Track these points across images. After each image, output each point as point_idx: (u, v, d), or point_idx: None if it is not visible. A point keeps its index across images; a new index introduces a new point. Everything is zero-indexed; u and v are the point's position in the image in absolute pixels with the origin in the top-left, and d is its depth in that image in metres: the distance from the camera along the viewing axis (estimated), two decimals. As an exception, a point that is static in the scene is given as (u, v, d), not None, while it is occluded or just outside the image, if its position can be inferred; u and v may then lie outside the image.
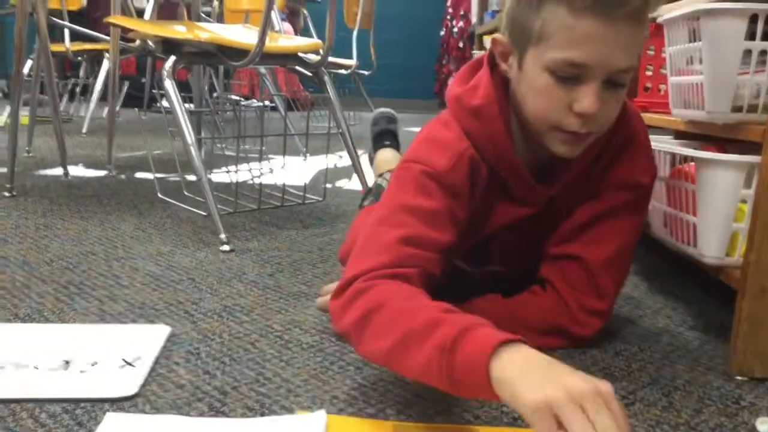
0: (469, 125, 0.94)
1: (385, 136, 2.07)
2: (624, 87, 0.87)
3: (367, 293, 0.80)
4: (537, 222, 1.01)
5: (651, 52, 1.48)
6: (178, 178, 2.05)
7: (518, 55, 0.89)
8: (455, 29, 6.13)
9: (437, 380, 0.70)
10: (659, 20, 1.21)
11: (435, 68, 6.75)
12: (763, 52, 0.97)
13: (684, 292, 1.34)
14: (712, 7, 0.98)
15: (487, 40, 4.21)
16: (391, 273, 0.82)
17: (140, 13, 2.38)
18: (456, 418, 0.80)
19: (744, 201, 0.98)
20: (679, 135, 1.41)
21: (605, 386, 0.60)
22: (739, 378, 0.94)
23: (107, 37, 2.46)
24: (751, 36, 0.97)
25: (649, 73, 1.51)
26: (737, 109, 1.01)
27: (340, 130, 1.92)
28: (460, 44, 6.06)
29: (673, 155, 1.12)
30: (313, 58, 1.86)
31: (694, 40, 1.05)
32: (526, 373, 0.62)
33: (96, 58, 3.68)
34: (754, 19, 0.95)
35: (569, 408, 0.58)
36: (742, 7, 0.95)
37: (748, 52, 0.97)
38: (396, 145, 2.06)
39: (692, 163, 1.04)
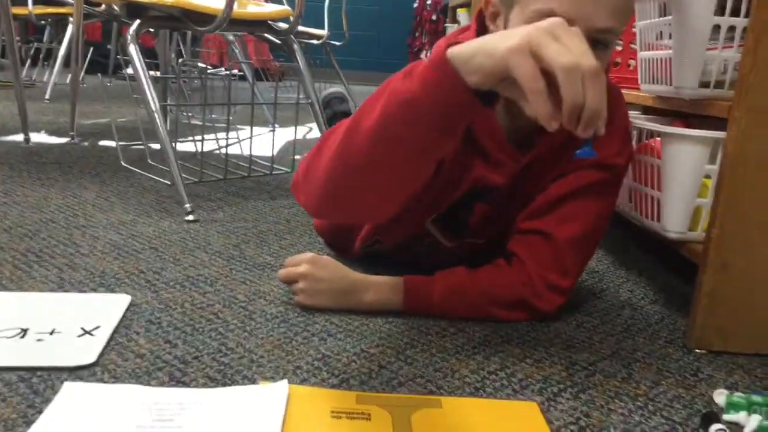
0: None
1: (338, 117, 2.07)
2: (607, 48, 0.85)
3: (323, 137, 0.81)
4: (512, 194, 1.00)
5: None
6: (142, 147, 2.01)
7: (505, 13, 0.88)
8: (429, 1, 6.08)
9: (399, 114, 0.69)
10: (630, -6, 1.20)
11: (408, 41, 6.70)
12: (731, 28, 0.97)
13: (647, 267, 1.35)
14: (683, -19, 0.98)
15: (461, 14, 4.20)
16: None
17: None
18: (419, 388, 0.80)
19: (708, 176, 0.99)
20: (647, 110, 1.42)
21: (566, 23, 0.63)
22: (697, 351, 0.96)
23: (71, 1, 2.39)
24: (720, 11, 0.97)
25: (619, 48, 1.51)
26: (705, 84, 1.02)
27: (310, 101, 1.89)
28: (434, 17, 6.02)
29: (640, 130, 1.12)
30: (283, 26, 1.83)
31: (664, 15, 1.05)
32: (492, 38, 0.64)
33: (60, 22, 3.58)
34: (723, -6, 0.95)
35: (545, 39, 0.60)
36: (712, -19, 0.95)
37: (716, 28, 0.97)
38: None
39: (657, 138, 1.05)
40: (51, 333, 0.86)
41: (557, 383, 0.84)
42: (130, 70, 1.59)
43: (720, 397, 0.82)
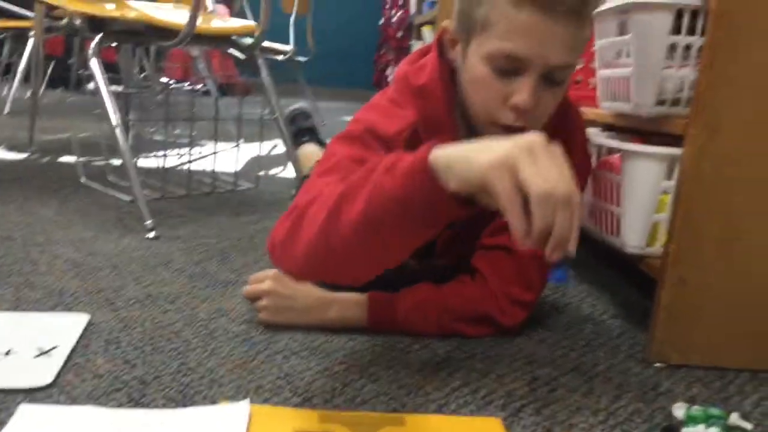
0: (414, 104, 0.94)
1: (303, 133, 2.08)
2: (562, 84, 0.88)
3: (300, 206, 0.80)
4: (478, 217, 1.01)
5: (589, 37, 1.50)
6: (103, 162, 1.98)
7: (463, 44, 0.89)
8: (394, 18, 6.12)
9: (384, 205, 0.69)
10: (589, 14, 1.22)
11: (374, 57, 6.73)
12: (687, 47, 0.99)
13: (609, 282, 1.37)
14: (642, 0, 1.00)
15: (426, 31, 4.23)
16: None
17: (67, -10, 2.28)
18: (383, 406, 0.80)
19: (666, 192, 1.01)
20: (607, 127, 1.44)
21: (548, 141, 0.64)
22: (657, 365, 0.97)
23: (32, 14, 2.36)
24: (676, 30, 0.99)
25: (580, 67, 1.53)
26: (662, 102, 1.04)
27: (275, 116, 1.89)
28: (399, 34, 6.06)
29: (600, 147, 1.14)
30: (248, 41, 1.82)
31: (623, 34, 1.07)
32: (472, 148, 0.64)
33: (21, 36, 3.52)
34: (680, 14, 0.97)
35: (523, 158, 0.61)
36: (668, 1, 0.97)
37: (673, 47, 0.99)
38: (316, 139, 2.07)
39: (617, 155, 1.06)
40: (6, 353, 0.84)
41: (520, 399, 0.84)
42: (91, 85, 1.57)
43: (679, 410, 0.83)
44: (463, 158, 0.64)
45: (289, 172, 2.33)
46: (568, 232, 0.62)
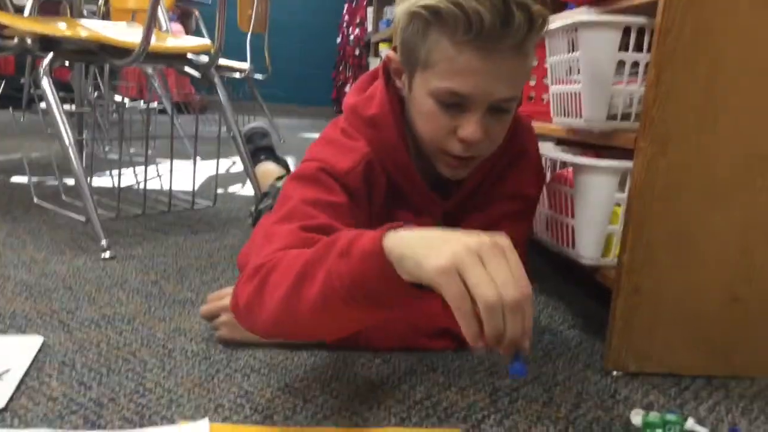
0: (366, 134, 0.94)
1: (261, 152, 2.07)
2: (509, 112, 0.89)
3: (264, 266, 0.77)
4: (453, 221, 1.02)
5: (534, 63, 1.53)
6: (56, 183, 1.94)
7: (408, 76, 0.90)
8: (352, 36, 6.16)
9: (340, 291, 0.67)
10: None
11: (332, 75, 6.75)
12: (635, 63, 1.02)
13: (566, 293, 1.39)
14: (589, 19, 1.03)
15: (383, 49, 4.26)
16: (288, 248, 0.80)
17: (19, 10, 2.24)
18: (344, 421, 0.79)
19: (618, 204, 1.03)
20: (560, 142, 1.47)
21: (502, 239, 0.61)
22: (614, 373, 0.98)
23: (-20, 33, 2.30)
24: (625, 47, 1.02)
25: (533, 83, 1.57)
26: (612, 117, 1.06)
27: (232, 134, 1.88)
28: (357, 52, 6.10)
29: (554, 161, 1.17)
30: (203, 59, 1.81)
31: (573, 51, 1.10)
32: (422, 244, 0.62)
33: (-31, 55, 3.44)
34: (627, 31, 1.00)
35: (470, 262, 0.58)
36: (616, 19, 1.00)
37: (621, 63, 1.02)
38: (274, 158, 2.07)
39: (571, 168, 1.09)
40: (-45, 379, 0.82)
41: (481, 410, 0.84)
42: (43, 105, 1.55)
43: (636, 417, 0.85)
44: (413, 257, 0.61)
45: (247, 189, 2.31)
46: (521, 335, 0.60)
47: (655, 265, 0.95)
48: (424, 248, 0.61)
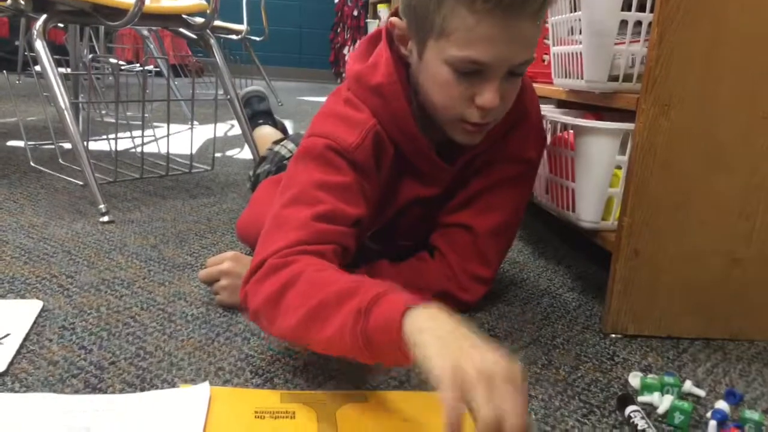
0: (372, 103, 0.92)
1: (259, 116, 2.05)
2: (522, 75, 0.88)
3: (281, 270, 0.77)
4: (444, 197, 1.02)
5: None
6: (52, 146, 1.93)
7: (417, 44, 0.87)
8: (349, -3, 6.08)
9: (351, 346, 0.68)
10: (542, -10, 1.23)
11: (329, 37, 6.68)
12: (638, 23, 1.01)
13: (565, 256, 1.39)
14: (591, -23, 1.01)
15: (382, 9, 4.20)
16: (305, 250, 0.80)
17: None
18: (344, 384, 0.80)
19: (619, 167, 1.02)
20: (561, 104, 1.46)
21: (516, 370, 0.58)
22: (613, 335, 0.99)
23: (-28, -6, 2.27)
24: (627, 7, 1.00)
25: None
26: (614, 78, 1.05)
27: (229, 97, 1.86)
28: (355, 12, 6.02)
29: (555, 123, 1.15)
30: (199, 20, 1.79)
31: (575, 10, 1.08)
32: (439, 339, 0.61)
33: (-38, 17, 3.40)
34: (630, -10, 0.98)
35: (482, 390, 0.56)
36: (618, -22, 0.99)
37: (624, 23, 1.01)
38: (272, 122, 2.05)
39: (571, 131, 1.08)
40: (-45, 343, 0.82)
41: (480, 373, 0.85)
42: (38, 67, 1.53)
43: (635, 379, 0.85)
44: (424, 352, 0.61)
45: (245, 153, 2.30)
46: None
47: (655, 229, 0.95)
48: (437, 347, 0.60)
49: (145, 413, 0.70)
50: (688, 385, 0.84)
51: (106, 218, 1.40)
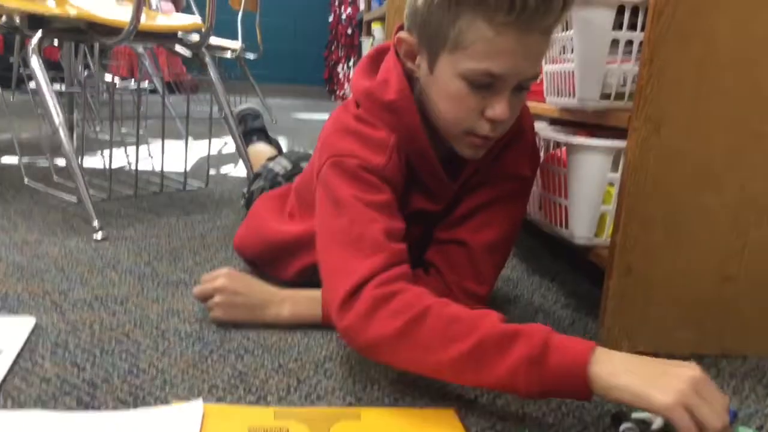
0: (385, 119, 0.92)
1: (253, 133, 2.07)
2: (528, 89, 0.89)
3: (397, 299, 0.78)
4: (443, 215, 1.02)
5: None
6: (47, 163, 1.93)
7: (428, 58, 0.88)
8: (344, 15, 6.11)
9: (523, 389, 0.73)
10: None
11: (324, 54, 6.71)
12: (629, 42, 1.02)
13: (559, 273, 1.40)
14: (583, -3, 1.02)
15: (376, 28, 4.23)
16: (401, 274, 0.82)
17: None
18: (338, 401, 0.80)
19: (611, 184, 1.03)
20: (553, 121, 1.47)
21: (698, 370, 0.70)
22: (606, 352, 0.99)
23: (-33, 11, 2.27)
24: (618, 26, 1.01)
25: (527, 62, 1.56)
26: (606, 96, 1.06)
27: (224, 114, 1.87)
28: (349, 31, 6.06)
29: (547, 141, 1.16)
30: (194, 38, 1.80)
31: (567, 30, 1.09)
32: (640, 381, 0.69)
33: (-44, 34, 3.40)
34: (621, 9, 1.00)
35: (697, 401, 0.67)
36: (609, -2, 1.00)
37: (615, 42, 1.02)
38: (266, 139, 2.06)
39: (564, 149, 1.08)
40: (-53, 361, 0.81)
41: (473, 390, 0.85)
42: (33, 84, 1.53)
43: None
44: (632, 392, 0.69)
45: (240, 170, 2.31)
46: None
47: (648, 245, 0.95)
48: (644, 384, 0.69)
49: (139, 431, 0.69)
50: (681, 402, 0.84)
51: (99, 235, 1.39)
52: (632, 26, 1.01)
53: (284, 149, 2.23)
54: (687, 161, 0.93)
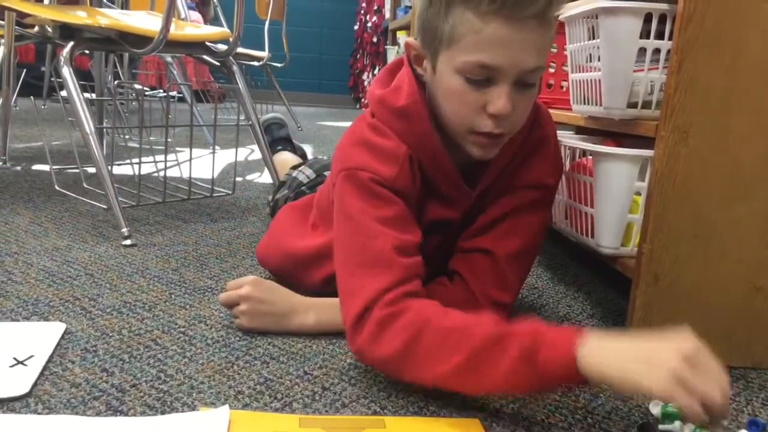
0: (397, 126, 0.93)
1: (278, 142, 2.08)
2: (534, 86, 0.88)
3: (400, 319, 0.80)
4: (463, 224, 1.02)
5: (554, 50, 1.52)
6: (77, 170, 1.96)
7: (431, 59, 0.89)
8: (369, 24, 6.15)
9: (522, 387, 0.77)
10: (561, 18, 1.24)
11: (349, 62, 6.74)
12: (656, 50, 1.01)
13: (584, 282, 1.39)
14: (610, 5, 1.01)
15: (401, 36, 4.24)
16: (407, 292, 0.83)
17: (40, -1, 2.26)
18: (363, 409, 0.80)
19: (638, 193, 1.02)
20: (579, 130, 1.46)
21: (691, 337, 0.71)
22: (633, 363, 0.98)
23: (2, 22, 2.33)
24: (646, 34, 1.01)
25: (552, 70, 1.56)
26: (632, 105, 1.05)
27: (250, 122, 1.88)
28: (374, 39, 6.08)
29: (573, 149, 1.16)
30: (221, 47, 1.82)
31: (593, 38, 1.09)
32: (629, 367, 0.70)
33: (-10, 43, 3.47)
34: (648, 18, 0.99)
35: (690, 375, 0.67)
36: (637, 6, 0.99)
37: (642, 50, 1.01)
38: (291, 148, 2.07)
39: (590, 157, 1.08)
40: (-20, 365, 0.83)
41: (498, 399, 0.85)
42: (64, 93, 1.56)
43: (655, 407, 0.84)
44: (623, 378, 0.70)
45: (265, 177, 2.32)
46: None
47: (676, 255, 0.94)
48: (635, 369, 0.70)
49: (166, 436, 0.70)
50: (709, 414, 0.83)
51: (128, 242, 1.41)
52: (659, 34, 1.00)
53: (309, 157, 2.24)
54: (715, 170, 0.92)
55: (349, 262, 0.88)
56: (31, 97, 2.29)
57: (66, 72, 1.50)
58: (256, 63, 3.56)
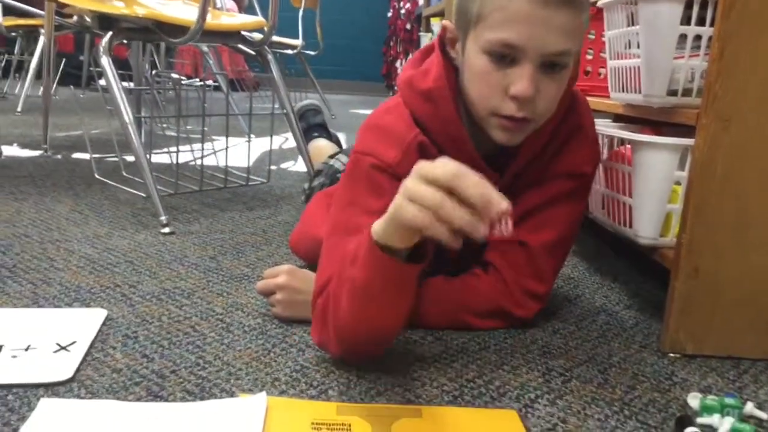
0: (421, 108, 0.93)
1: (314, 129, 2.08)
2: (564, 69, 0.86)
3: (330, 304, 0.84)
4: None
5: (592, 36, 1.50)
6: (116, 159, 2.00)
7: (462, 40, 0.89)
8: (403, 11, 6.11)
9: (360, 294, 0.78)
10: (599, 4, 1.22)
11: (382, 50, 6.72)
12: (697, 37, 0.99)
13: (621, 273, 1.37)
14: (650, -9, 1.00)
15: (435, 23, 4.22)
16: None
17: (77, -12, 2.29)
18: (398, 397, 0.80)
19: (678, 183, 1.01)
20: (617, 118, 1.44)
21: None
22: (671, 355, 0.97)
23: (43, 12, 2.37)
24: (686, 20, 0.99)
25: (590, 57, 1.53)
26: (672, 92, 1.03)
27: (285, 111, 1.89)
28: (408, 26, 6.05)
29: (611, 138, 1.14)
30: (256, 36, 1.83)
31: (632, 24, 1.07)
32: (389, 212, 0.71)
33: (32, 34, 3.53)
34: (689, 4, 0.97)
35: (411, 192, 0.67)
36: (677, -8, 0.97)
37: (683, 37, 0.99)
38: (326, 135, 2.07)
39: (629, 146, 1.06)
40: (26, 349, 0.85)
41: (534, 390, 0.84)
42: (103, 82, 1.59)
43: (694, 400, 0.83)
44: (384, 224, 0.72)
45: (300, 166, 2.34)
46: (470, 222, 0.68)
47: (716, 246, 0.93)
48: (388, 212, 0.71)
49: (205, 422, 0.71)
50: (749, 407, 0.81)
51: (167, 229, 1.44)
52: (701, 20, 0.98)
53: (344, 145, 2.25)
54: (757, 159, 0.90)
55: (322, 253, 0.91)
56: (71, 86, 2.34)
57: (105, 62, 1.53)
58: (290, 51, 3.57)
